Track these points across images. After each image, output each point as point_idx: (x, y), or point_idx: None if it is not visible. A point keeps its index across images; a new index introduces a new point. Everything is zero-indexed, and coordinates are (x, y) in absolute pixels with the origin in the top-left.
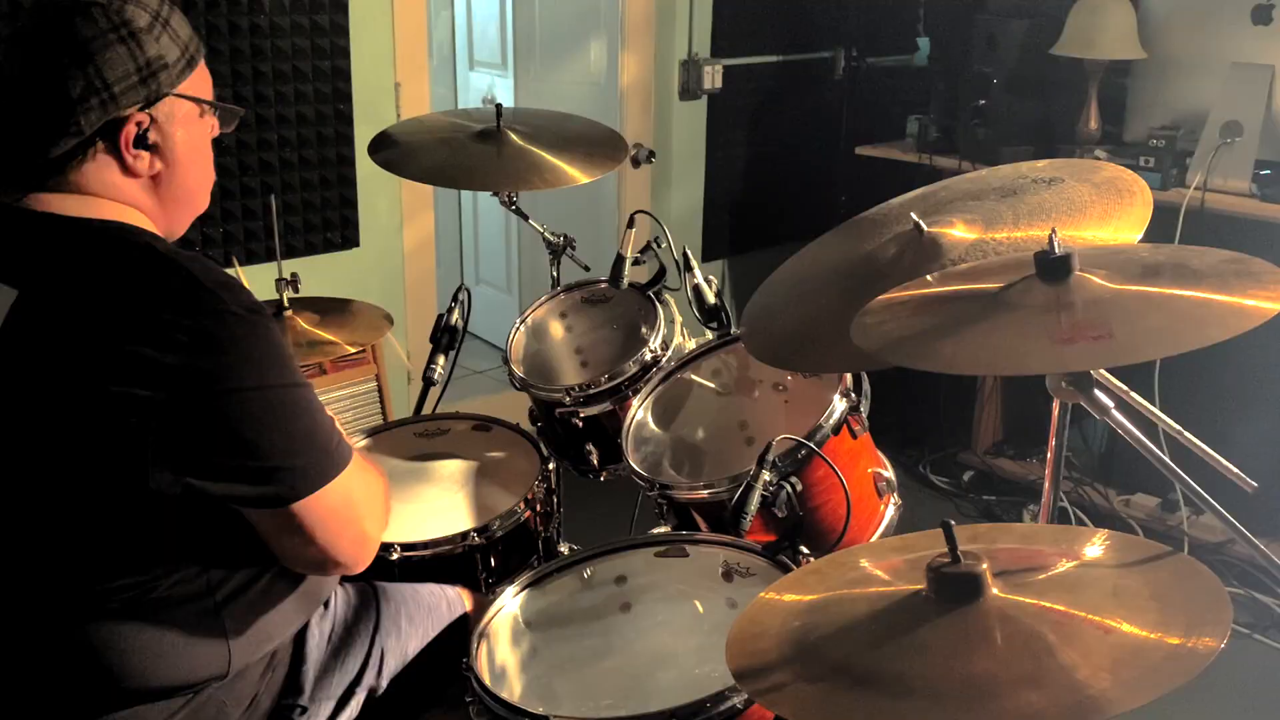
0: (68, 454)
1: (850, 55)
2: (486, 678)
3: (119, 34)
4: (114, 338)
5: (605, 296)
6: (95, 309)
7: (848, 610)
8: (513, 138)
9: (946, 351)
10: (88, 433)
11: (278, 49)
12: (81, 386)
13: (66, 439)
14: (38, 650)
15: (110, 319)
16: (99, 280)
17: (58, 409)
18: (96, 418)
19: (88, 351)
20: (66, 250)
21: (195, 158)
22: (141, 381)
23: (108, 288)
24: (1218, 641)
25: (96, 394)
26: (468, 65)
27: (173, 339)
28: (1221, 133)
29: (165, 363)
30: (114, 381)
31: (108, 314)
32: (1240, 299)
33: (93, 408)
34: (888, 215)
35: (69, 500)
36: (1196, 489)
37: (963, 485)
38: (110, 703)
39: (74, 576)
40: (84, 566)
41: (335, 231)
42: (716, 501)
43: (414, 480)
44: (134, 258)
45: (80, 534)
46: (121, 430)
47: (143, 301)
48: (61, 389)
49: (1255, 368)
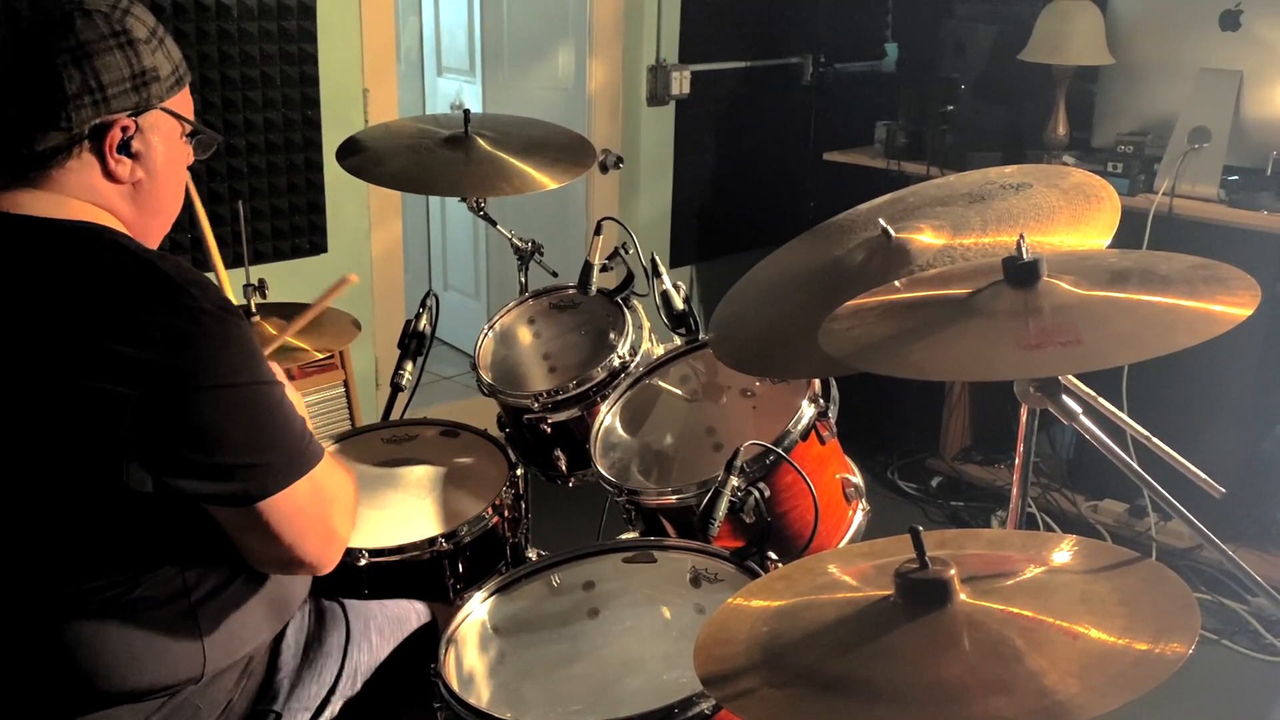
0: (44, 452)
1: (818, 61)
2: (455, 683)
3: (118, 40)
4: (89, 335)
5: (573, 302)
6: (70, 307)
7: (816, 616)
8: (481, 143)
9: (914, 357)
10: (63, 430)
11: (246, 55)
12: (56, 384)
13: (42, 437)
14: (14, 651)
15: (85, 317)
16: (73, 279)
17: (33, 407)
18: (71, 415)
19: (62, 349)
20: (38, 249)
21: (172, 174)
22: (116, 378)
23: (82, 286)
24: (1186, 647)
25: (71, 391)
26: (436, 71)
27: (147, 336)
28: (1190, 138)
29: (139, 359)
30: (89, 378)
31: (82, 312)
32: (1208, 305)
33: (68, 405)
34: (856, 221)
35: (45, 499)
36: (1164, 495)
37: (931, 491)
38: (86, 704)
39: (51, 576)
40: (61, 566)
41: (303, 237)
42: (684, 507)
43: (382, 486)
44: (108, 257)
45: (57, 533)
46: (96, 427)
47: (117, 299)
48: (36, 387)
49: (1223, 373)
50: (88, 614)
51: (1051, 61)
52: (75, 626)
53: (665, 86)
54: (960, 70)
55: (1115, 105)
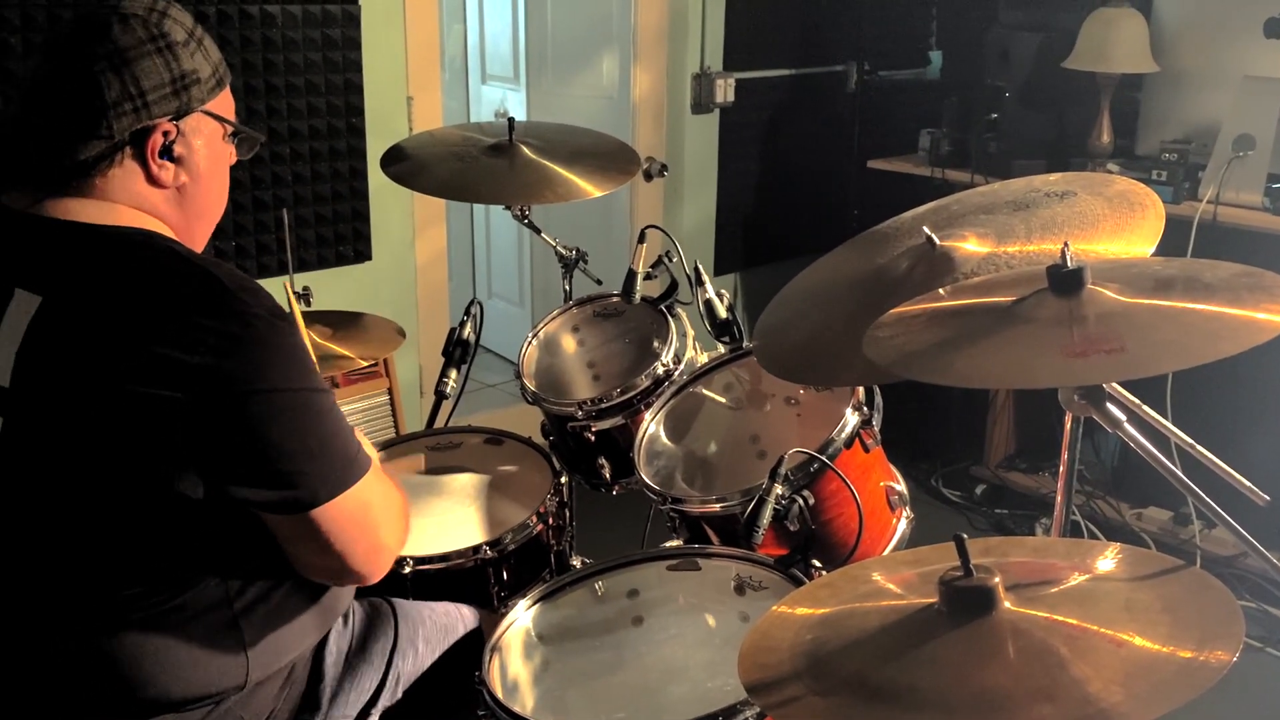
0: (95, 458)
1: (862, 69)
2: (499, 691)
3: (156, 45)
4: (140, 340)
5: (617, 310)
6: (120, 312)
7: (860, 624)
8: (525, 151)
9: (959, 365)
10: (114, 436)
11: (290, 63)
12: (108, 389)
13: (93, 443)
14: (58, 659)
15: (136, 322)
16: (123, 284)
17: (84, 413)
18: (123, 420)
19: (113, 354)
20: (89, 256)
21: (215, 176)
22: (167, 383)
23: (132, 291)
24: (1230, 655)
25: (123, 396)
26: (480, 79)
27: (198, 341)
28: (1234, 146)
29: (191, 364)
30: (140, 383)
31: (133, 317)
32: (1253, 312)
33: (119, 410)
34: (900, 229)
35: (94, 506)
36: (1209, 502)
37: (975, 499)
38: (129, 713)
39: (96, 585)
40: (106, 574)
41: (347, 245)
42: (729, 515)
43: (426, 494)
44: (158, 262)
45: (104, 541)
46: (149, 433)
47: (168, 304)
48: (88, 393)
49: (1267, 381)
50: (131, 623)
51: (1096, 69)
52: (119, 635)
53: (709, 94)
54: (1004, 78)
55: (1159, 113)
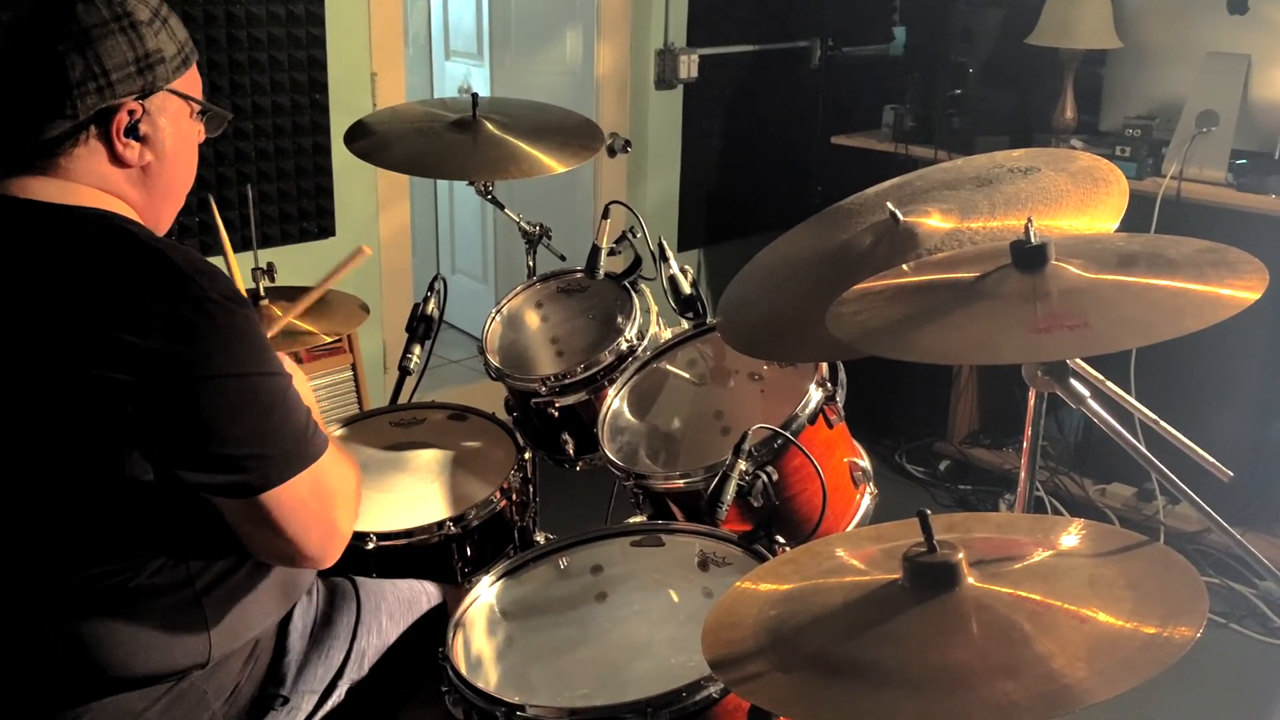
0: (47, 440)
1: (826, 45)
2: (462, 667)
3: (120, 24)
4: (94, 323)
5: (581, 286)
6: (75, 294)
7: (824, 600)
8: (488, 127)
9: (922, 341)
10: (66, 418)
11: (254, 39)
12: (60, 371)
13: (45, 425)
14: (20, 639)
15: (90, 304)
16: (79, 265)
17: (36, 394)
18: (73, 402)
19: (67, 336)
20: (46, 235)
21: (182, 154)
22: (120, 366)
23: (88, 273)
24: (1194, 631)
25: (74, 378)
26: (444, 55)
27: (152, 325)
28: (1198, 122)
29: (144, 348)
30: (91, 365)
31: (88, 299)
32: (1216, 288)
33: (70, 392)
34: (863, 205)
35: (49, 488)
36: (1172, 478)
37: (939, 475)
38: (92, 691)
39: (55, 565)
40: (65, 555)
41: (311, 221)
42: (692, 491)
43: (390, 470)
44: (114, 244)
45: (60, 522)
46: (98, 415)
47: (123, 287)
48: (40, 374)
49: (1231, 357)
50: (92, 602)
51: (1059, 45)
52: (81, 615)
53: (673, 70)
54: (968, 54)
55: (1123, 89)
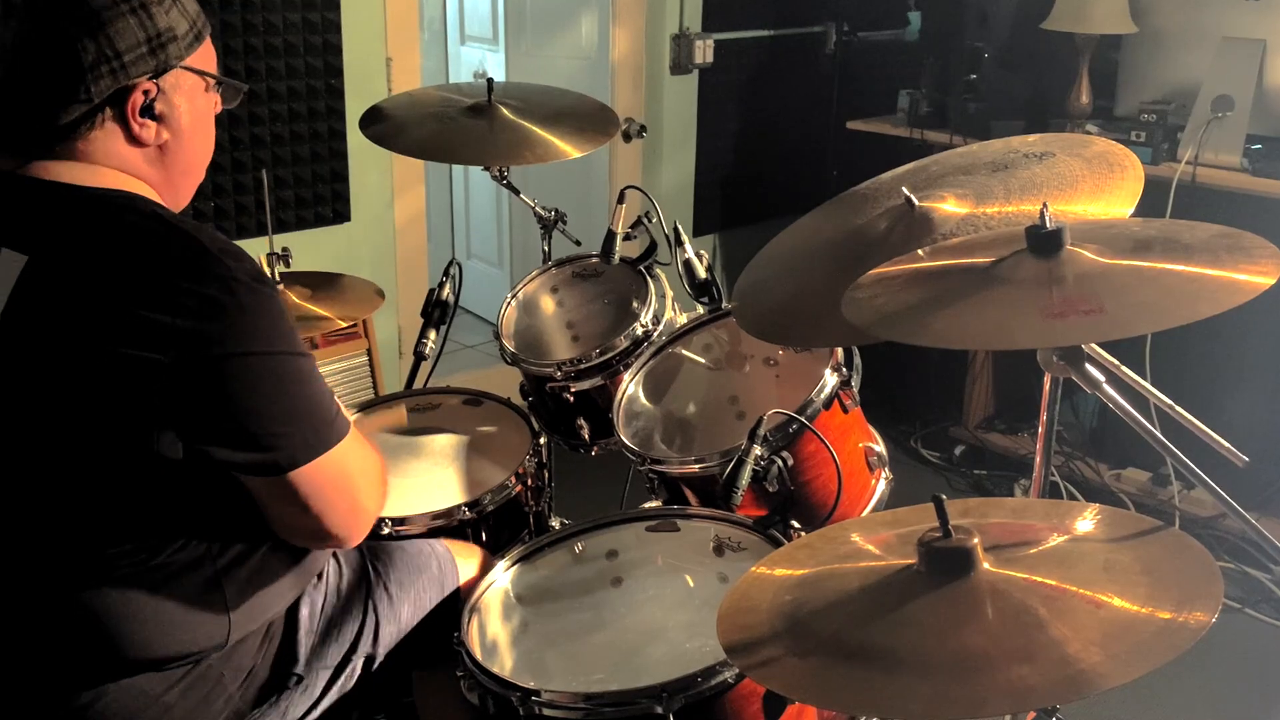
0: (75, 418)
1: (841, 30)
2: (478, 652)
3: (130, 5)
4: (122, 302)
5: (596, 271)
6: (104, 274)
7: (839, 585)
8: (504, 112)
9: (937, 326)
10: (95, 397)
11: (269, 23)
12: (89, 350)
13: (74, 403)
14: (40, 619)
15: (119, 284)
16: (107, 246)
17: (66, 373)
18: (103, 382)
19: (96, 316)
20: (74, 217)
21: (199, 130)
22: (148, 345)
23: (116, 253)
24: (1209, 616)
25: (104, 358)
26: (459, 40)
27: (180, 304)
28: (1213, 107)
29: (172, 327)
30: (121, 345)
31: (116, 279)
32: (1231, 273)
33: (100, 371)
34: (879, 190)
35: (76, 465)
36: (1188, 463)
37: (954, 460)
38: (111, 672)
39: (78, 542)
40: (88, 532)
41: (326, 206)
42: (708, 476)
43: (405, 454)
44: (142, 225)
45: (85, 499)
46: (127, 394)
47: (151, 267)
48: (70, 353)
49: (1246, 342)
50: (112, 581)
51: (1074, 30)
52: (100, 593)
53: (688, 55)
54: (983, 39)
55: (1138, 74)
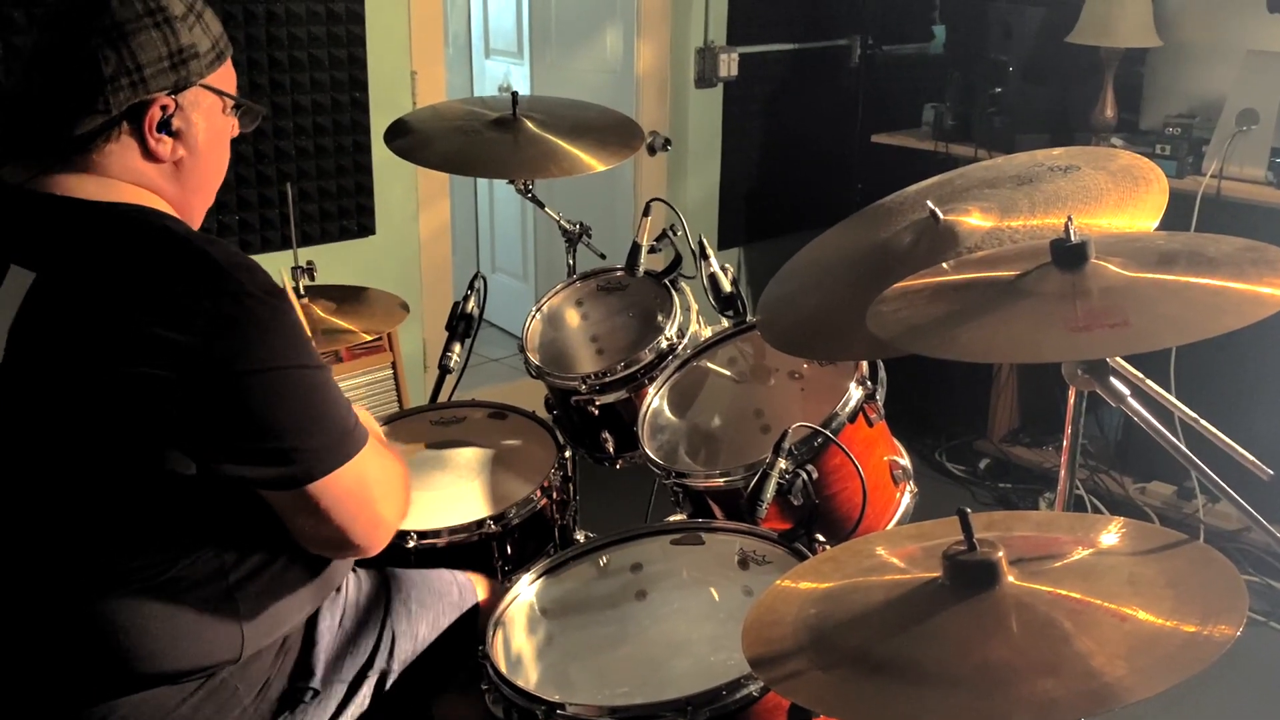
0: (86, 435)
1: (866, 43)
2: (502, 665)
3: (154, 19)
4: (133, 319)
5: (621, 284)
6: (114, 290)
7: (864, 598)
8: (529, 125)
9: (962, 339)
10: (106, 414)
11: (294, 37)
12: (100, 367)
13: (85, 420)
14: (53, 634)
15: (129, 300)
16: (118, 262)
17: (77, 390)
18: (115, 398)
19: (106, 333)
20: (84, 233)
21: (215, 150)
22: (160, 362)
23: (127, 269)
24: (1234, 629)
25: (115, 375)
26: (484, 53)
27: (191, 321)
28: (1238, 120)
29: (183, 344)
30: (132, 362)
31: (127, 295)
32: (1256, 287)
33: (111, 388)
34: (903, 203)
35: (87, 481)
36: (1213, 476)
37: (979, 473)
38: (124, 686)
39: (90, 557)
40: (100, 547)
41: (351, 219)
42: (732, 489)
43: (430, 468)
44: (152, 240)
45: (98, 514)
46: (139, 411)
47: (162, 283)
48: (80, 370)
49: (1271, 355)
50: (126, 595)
51: (1099, 44)
52: (114, 607)
53: (713, 68)
54: (1008, 52)
55: (1163, 87)
